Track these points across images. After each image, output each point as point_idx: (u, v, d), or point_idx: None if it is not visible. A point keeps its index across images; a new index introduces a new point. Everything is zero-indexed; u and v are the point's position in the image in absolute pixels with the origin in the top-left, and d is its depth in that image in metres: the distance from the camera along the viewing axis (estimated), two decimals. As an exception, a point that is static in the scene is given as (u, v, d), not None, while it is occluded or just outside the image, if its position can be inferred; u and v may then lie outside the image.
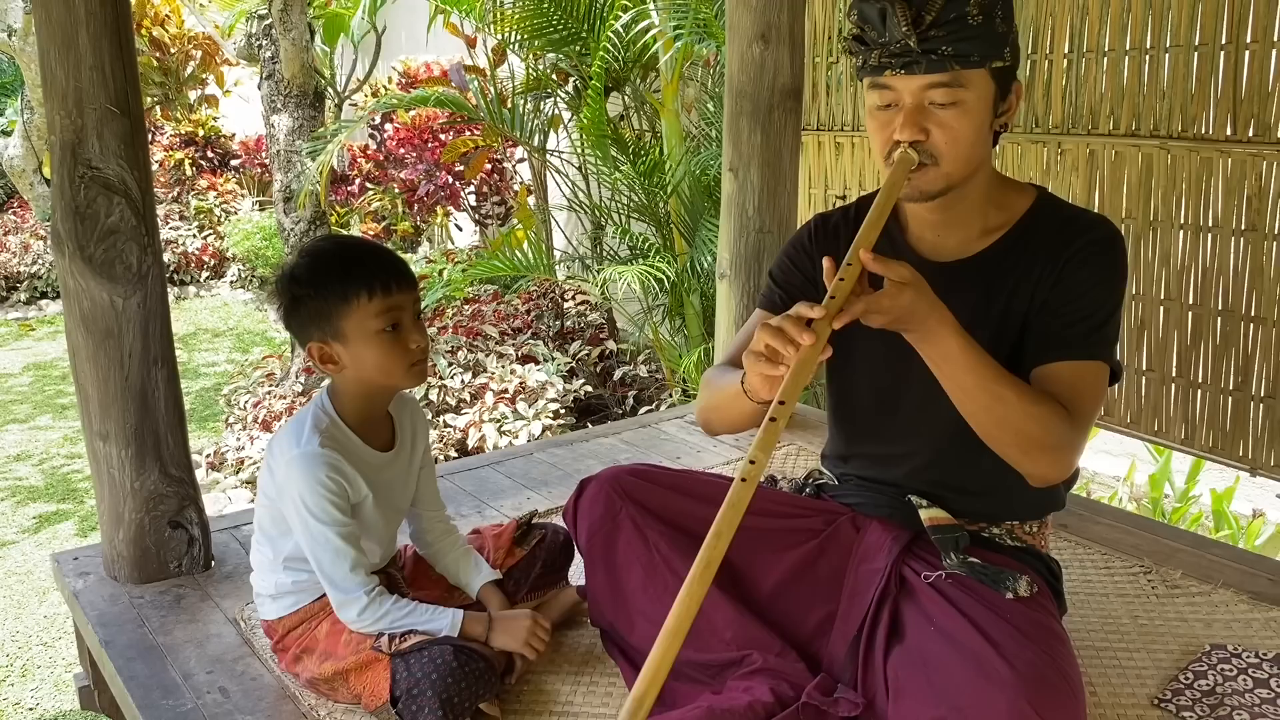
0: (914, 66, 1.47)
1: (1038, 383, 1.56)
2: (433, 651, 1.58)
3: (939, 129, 1.49)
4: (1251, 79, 2.34)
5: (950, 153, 1.51)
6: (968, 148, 1.52)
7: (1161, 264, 2.60)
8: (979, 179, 1.61)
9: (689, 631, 1.69)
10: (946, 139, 1.49)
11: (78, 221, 1.94)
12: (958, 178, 1.54)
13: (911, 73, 1.47)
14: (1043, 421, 1.47)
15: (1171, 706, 1.67)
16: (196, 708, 1.72)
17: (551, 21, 4.66)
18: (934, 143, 1.50)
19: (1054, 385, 1.54)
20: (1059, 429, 1.48)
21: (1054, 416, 1.48)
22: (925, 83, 1.47)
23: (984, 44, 1.47)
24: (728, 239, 2.93)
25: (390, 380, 1.69)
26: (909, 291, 1.39)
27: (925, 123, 1.49)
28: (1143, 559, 2.17)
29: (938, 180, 1.53)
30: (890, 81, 1.50)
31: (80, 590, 2.11)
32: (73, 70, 1.89)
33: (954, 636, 1.48)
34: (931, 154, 1.50)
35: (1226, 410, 2.54)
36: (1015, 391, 1.47)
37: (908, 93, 1.49)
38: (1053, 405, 1.49)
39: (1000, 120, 1.56)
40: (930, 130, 1.49)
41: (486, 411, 4.45)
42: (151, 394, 2.06)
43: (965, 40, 1.45)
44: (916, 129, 1.49)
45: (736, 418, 1.63)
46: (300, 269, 1.65)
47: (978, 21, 1.46)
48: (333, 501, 1.64)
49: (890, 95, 1.51)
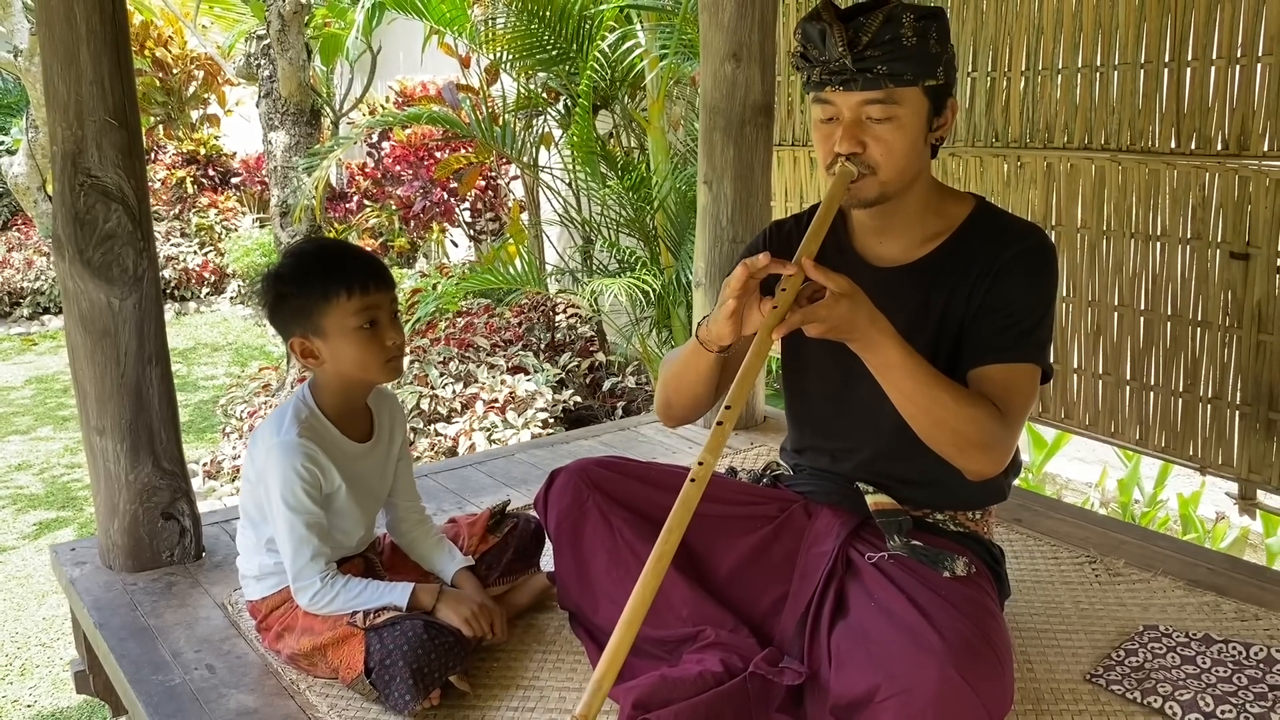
0: (851, 84, 1.58)
1: (973, 384, 1.67)
2: (404, 625, 1.69)
3: (875, 142, 1.61)
4: (1193, 95, 2.46)
5: (886, 164, 1.62)
6: (902, 159, 1.63)
7: (1115, 271, 2.71)
8: (917, 189, 1.72)
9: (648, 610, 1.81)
10: (882, 151, 1.61)
11: (77, 227, 2.06)
12: (893, 187, 1.66)
13: (849, 89, 1.59)
14: (977, 422, 1.58)
15: (1102, 681, 1.77)
16: (184, 682, 1.82)
17: (541, 41, 4.80)
18: (870, 155, 1.61)
19: (988, 387, 1.64)
20: (992, 429, 1.59)
21: (987, 418, 1.58)
22: (861, 99, 1.59)
23: (917, 64, 1.59)
24: (703, 249, 3.05)
25: (367, 375, 1.80)
26: (845, 302, 1.48)
27: (862, 136, 1.60)
28: (1089, 550, 2.27)
29: (873, 188, 1.64)
30: (830, 97, 1.62)
31: (77, 578, 2.22)
32: (74, 84, 2.01)
33: (892, 610, 1.58)
34: (869, 165, 1.62)
35: (1177, 411, 2.64)
36: (952, 395, 1.57)
37: (846, 108, 1.61)
38: (986, 407, 1.59)
39: (935, 134, 1.68)
40: (867, 143, 1.61)
41: (477, 420, 4.57)
42: (146, 391, 2.17)
43: (899, 60, 1.57)
44: (854, 142, 1.60)
45: (694, 381, 1.74)
46: (284, 268, 1.76)
47: (911, 43, 1.57)
48: (305, 490, 1.75)
49: (831, 110, 1.63)
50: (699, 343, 1.65)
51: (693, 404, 1.80)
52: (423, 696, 1.65)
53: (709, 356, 1.66)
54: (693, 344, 1.68)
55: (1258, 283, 2.42)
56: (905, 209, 1.73)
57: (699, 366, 1.70)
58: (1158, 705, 1.69)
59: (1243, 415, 2.50)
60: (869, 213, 1.74)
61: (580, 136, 4.62)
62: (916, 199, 1.73)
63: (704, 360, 1.68)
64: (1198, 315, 2.56)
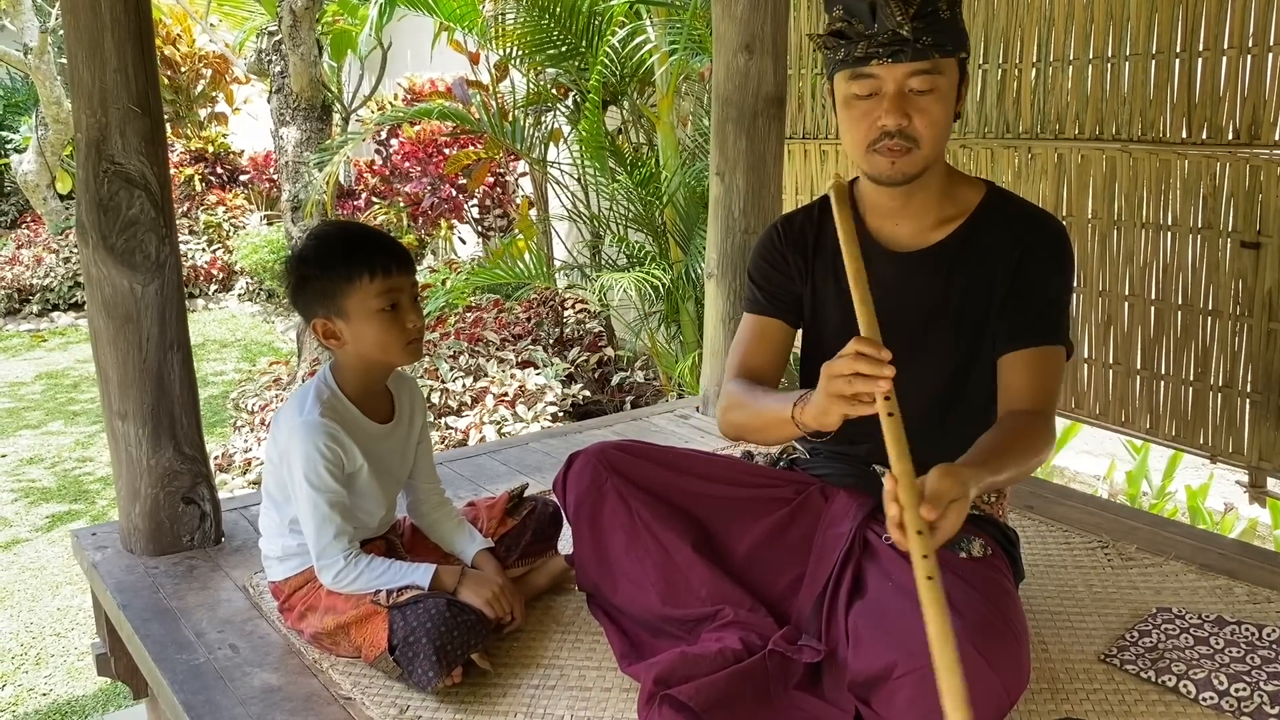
0: (900, 55, 1.59)
1: (1006, 370, 1.72)
2: (428, 603, 1.71)
3: (919, 114, 1.62)
4: (1204, 84, 2.47)
5: (929, 136, 1.64)
6: (942, 131, 1.66)
7: (1126, 261, 2.73)
8: (938, 169, 1.75)
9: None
10: (926, 124, 1.63)
11: (101, 213, 2.08)
12: (932, 160, 1.69)
13: (898, 60, 1.60)
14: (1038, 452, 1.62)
15: (1116, 661, 1.79)
16: (208, 661, 1.85)
17: (551, 37, 4.82)
18: (915, 127, 1.63)
19: (1022, 372, 1.70)
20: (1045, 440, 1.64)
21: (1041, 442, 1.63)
22: (909, 70, 1.60)
23: (953, 35, 1.62)
24: (715, 240, 3.07)
25: (388, 356, 1.82)
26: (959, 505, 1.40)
27: (908, 109, 1.62)
28: (1101, 535, 2.29)
29: (918, 162, 1.66)
30: (875, 70, 1.62)
31: (98, 561, 2.24)
32: (98, 72, 2.04)
33: (909, 590, 1.59)
34: (913, 138, 1.63)
35: (1188, 400, 2.66)
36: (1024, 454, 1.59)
37: (891, 80, 1.61)
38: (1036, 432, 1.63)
39: (957, 107, 1.71)
40: (912, 116, 1.62)
41: (487, 414, 4.59)
42: (167, 376, 2.20)
43: (940, 31, 1.60)
44: (902, 114, 1.61)
45: (778, 440, 1.77)
46: (308, 250, 1.79)
47: (946, 16, 1.61)
48: (328, 469, 1.77)
49: (872, 84, 1.63)
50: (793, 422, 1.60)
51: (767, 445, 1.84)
52: (446, 674, 1.67)
53: (798, 432, 1.63)
54: (784, 417, 1.62)
55: (1269, 271, 2.43)
56: (925, 188, 1.75)
57: (786, 434, 1.69)
58: (1172, 684, 1.71)
59: (1253, 403, 2.52)
60: (889, 194, 1.76)
61: (590, 132, 4.64)
62: (936, 178, 1.76)
63: (795, 434, 1.65)
64: (1208, 304, 2.57)
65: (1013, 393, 1.71)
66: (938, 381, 1.81)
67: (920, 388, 1.81)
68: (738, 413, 1.80)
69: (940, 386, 1.81)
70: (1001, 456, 1.57)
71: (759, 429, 1.76)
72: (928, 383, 1.81)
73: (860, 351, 1.43)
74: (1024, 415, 1.67)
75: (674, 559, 1.84)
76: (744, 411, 1.78)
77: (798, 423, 1.60)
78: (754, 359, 1.89)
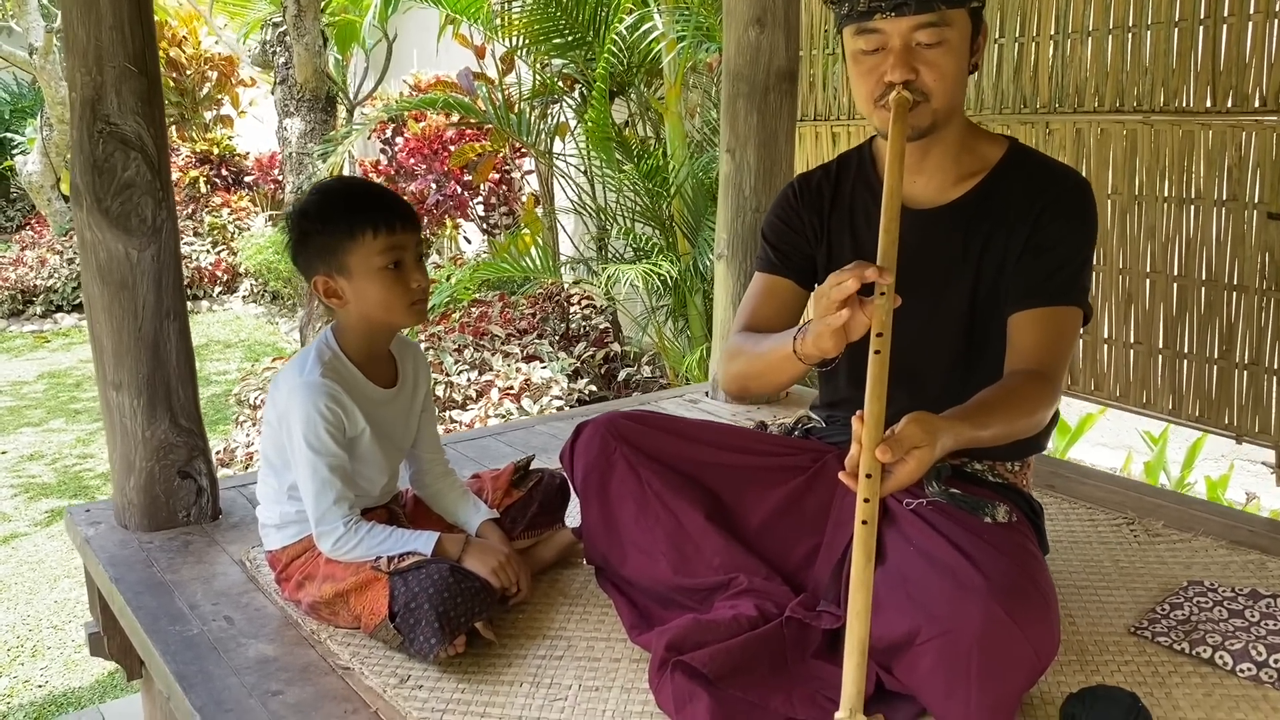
0: (904, 8, 1.53)
1: (1015, 329, 1.65)
2: (430, 569, 1.64)
3: (927, 68, 1.56)
4: (1229, 52, 2.41)
5: (939, 90, 1.58)
6: (953, 84, 1.60)
7: (1147, 237, 2.66)
8: (955, 123, 1.69)
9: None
10: (935, 77, 1.57)
11: (95, 175, 2.03)
12: (944, 114, 1.62)
13: (901, 14, 1.54)
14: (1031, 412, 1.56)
15: (1148, 634, 1.72)
16: (202, 633, 1.78)
17: (557, 26, 4.77)
18: (923, 81, 1.57)
19: (1032, 332, 1.62)
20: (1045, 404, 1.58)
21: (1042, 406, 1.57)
22: (913, 23, 1.54)
23: None
24: (725, 219, 3.00)
25: (391, 316, 1.76)
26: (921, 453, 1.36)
27: (914, 62, 1.56)
28: (1126, 512, 2.22)
29: (928, 115, 1.60)
30: (880, 25, 1.56)
31: (91, 537, 2.18)
32: (93, 29, 1.98)
33: (932, 554, 1.53)
34: (922, 92, 1.57)
35: (1212, 379, 2.59)
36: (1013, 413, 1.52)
37: (896, 34, 1.56)
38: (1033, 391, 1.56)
39: (973, 59, 1.64)
40: (919, 70, 1.56)
41: (492, 407, 4.52)
42: (164, 345, 2.13)
43: None
44: (908, 69, 1.55)
45: (784, 381, 1.68)
46: (310, 205, 1.73)
47: None
48: (329, 431, 1.70)
49: (878, 39, 1.58)
50: (795, 355, 1.55)
51: (773, 392, 1.76)
52: (448, 642, 1.60)
53: (803, 366, 1.58)
54: (785, 352, 1.56)
55: (1296, 243, 2.37)
56: (944, 142, 1.70)
57: (790, 372, 1.62)
58: (1207, 655, 1.63)
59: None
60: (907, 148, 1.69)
61: (596, 121, 4.58)
62: (954, 133, 1.70)
63: (798, 369, 1.59)
64: (1233, 279, 2.50)
65: (1018, 352, 1.64)
66: (956, 340, 1.75)
67: (939, 346, 1.75)
68: (739, 361, 1.74)
69: (959, 345, 1.75)
70: (988, 412, 1.50)
71: (761, 372, 1.69)
72: (946, 341, 1.75)
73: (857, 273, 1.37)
74: (1023, 374, 1.60)
75: (685, 528, 1.77)
76: (745, 358, 1.72)
77: (800, 355, 1.54)
78: (760, 316, 1.82)
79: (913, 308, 1.68)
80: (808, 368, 1.60)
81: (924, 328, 1.73)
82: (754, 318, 1.83)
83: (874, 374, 1.36)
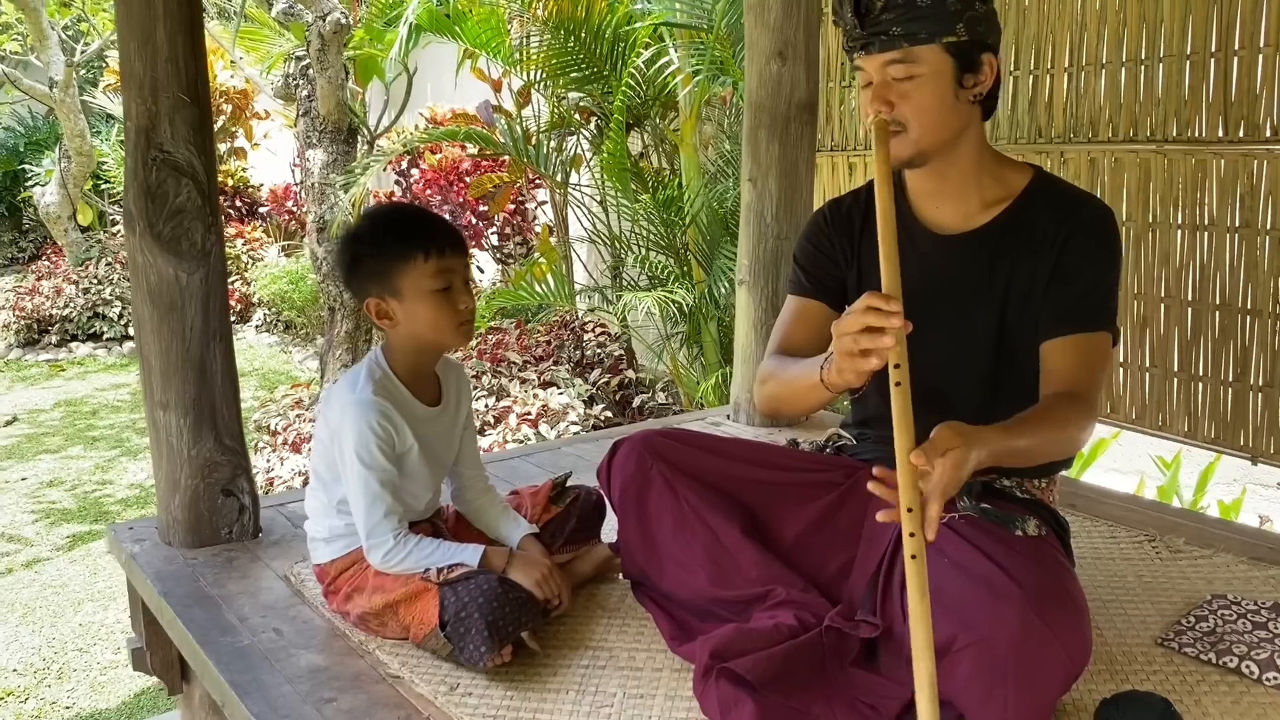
0: (870, 47, 1.65)
1: (1048, 356, 1.70)
2: (479, 580, 1.69)
3: (901, 100, 1.65)
4: (1240, 83, 2.49)
5: (915, 120, 1.66)
6: (931, 115, 1.66)
7: (1161, 263, 2.73)
8: (966, 149, 1.74)
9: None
10: (911, 109, 1.65)
11: (148, 200, 2.10)
12: (929, 143, 1.68)
13: (869, 53, 1.65)
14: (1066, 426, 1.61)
15: (1174, 645, 1.76)
16: (253, 644, 1.83)
17: (576, 60, 4.87)
18: (900, 113, 1.66)
19: (1067, 357, 1.68)
20: (1082, 424, 1.63)
21: (1076, 424, 1.62)
22: (883, 60, 1.64)
23: (933, 22, 1.62)
24: (747, 246, 3.07)
25: (440, 337, 1.82)
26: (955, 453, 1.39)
27: (889, 96, 1.65)
28: (1147, 529, 2.27)
29: (907, 146, 1.68)
30: (860, 61, 1.68)
31: (137, 553, 2.23)
32: (149, 61, 2.06)
33: (965, 565, 1.58)
34: (900, 122, 1.66)
35: (1227, 401, 2.65)
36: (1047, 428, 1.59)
37: (872, 70, 1.66)
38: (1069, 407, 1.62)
39: (973, 91, 1.69)
40: (895, 102, 1.65)
41: (510, 433, 4.58)
42: (210, 366, 2.20)
43: (915, 20, 1.62)
44: (880, 102, 1.65)
45: (814, 405, 1.75)
46: (363, 230, 1.80)
47: (927, 3, 1.62)
48: (380, 447, 1.76)
49: (864, 75, 1.69)
50: (822, 384, 1.60)
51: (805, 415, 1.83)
52: (497, 649, 1.65)
53: (831, 393, 1.64)
54: (813, 380, 1.62)
55: (1309, 268, 2.43)
56: (958, 169, 1.76)
57: (819, 398, 1.67)
58: (1233, 665, 1.68)
59: (1295, 402, 2.51)
60: (921, 175, 1.77)
61: (613, 152, 4.67)
62: (967, 160, 1.75)
63: (826, 396, 1.65)
64: (1247, 303, 2.57)
65: (1052, 378, 1.70)
66: (984, 365, 1.80)
67: (967, 370, 1.81)
68: (771, 384, 1.80)
69: (987, 369, 1.80)
70: (1023, 423, 1.56)
71: (791, 397, 1.76)
72: (975, 365, 1.80)
73: (870, 305, 1.40)
74: (1058, 395, 1.65)
75: (722, 542, 1.83)
76: (776, 382, 1.79)
77: (826, 383, 1.59)
78: (793, 339, 1.88)
79: (941, 330, 1.76)
80: (836, 395, 1.65)
81: (952, 351, 1.79)
82: (787, 341, 1.89)
83: (898, 406, 1.38)
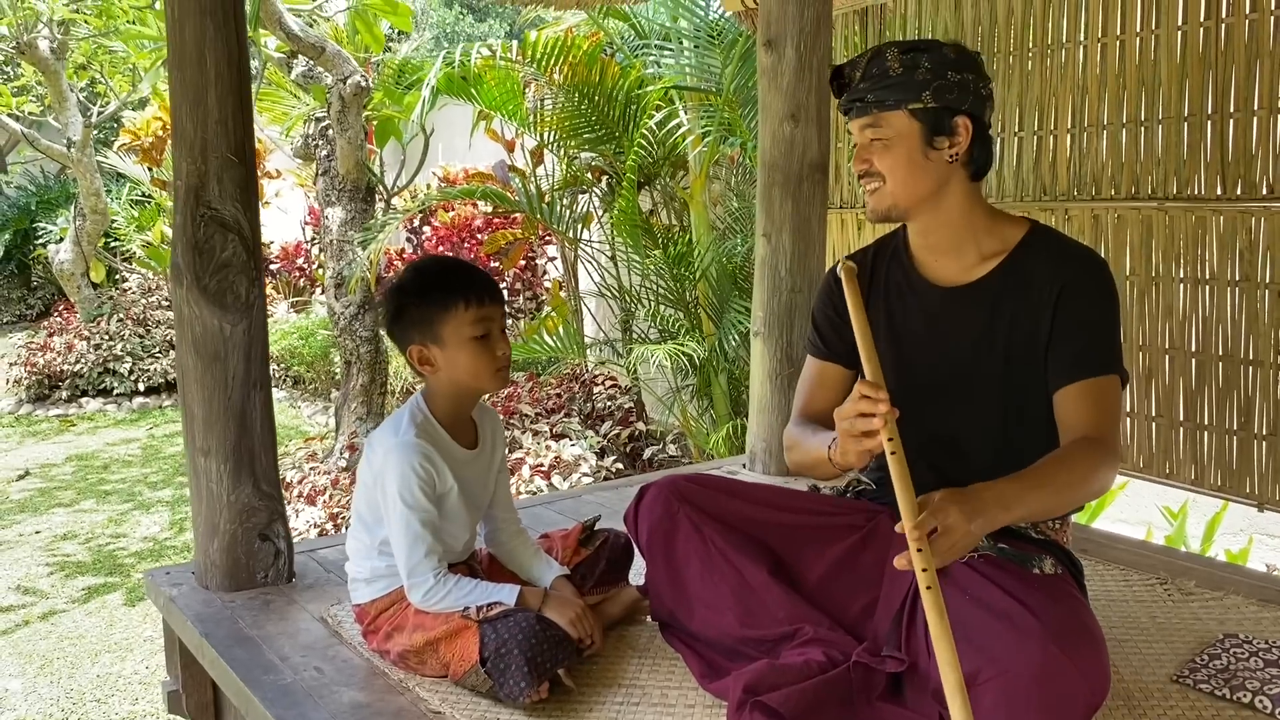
0: (850, 113, 1.85)
1: (1061, 405, 1.79)
2: (518, 618, 1.76)
3: (876, 158, 1.83)
4: (1237, 143, 2.60)
5: (890, 176, 1.82)
6: (902, 173, 1.81)
7: (1165, 316, 2.82)
8: (950, 205, 1.85)
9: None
10: (885, 165, 1.83)
11: (196, 255, 2.19)
12: (902, 197, 1.83)
13: (850, 118, 1.85)
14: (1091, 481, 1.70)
15: (1189, 681, 1.82)
16: (295, 681, 1.88)
17: (589, 122, 5.02)
18: (877, 168, 1.83)
19: (1080, 402, 1.77)
20: (1102, 466, 1.71)
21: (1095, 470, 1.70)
22: (860, 124, 1.84)
23: (900, 90, 1.78)
24: (761, 299, 3.17)
25: (478, 382, 1.91)
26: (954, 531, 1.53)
27: (867, 155, 1.84)
28: (1159, 572, 2.33)
29: (885, 198, 1.84)
30: (849, 126, 1.88)
31: (175, 596, 2.29)
32: (200, 123, 2.17)
33: (987, 602, 1.64)
34: (879, 175, 1.83)
35: (1232, 450, 2.72)
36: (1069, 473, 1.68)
37: (854, 131, 1.86)
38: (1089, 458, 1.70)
39: (947, 153, 1.81)
40: (872, 159, 1.83)
41: (523, 484, 4.64)
42: (250, 414, 2.28)
43: (885, 89, 1.79)
44: (860, 160, 1.85)
45: (832, 474, 1.89)
46: (407, 281, 1.89)
47: (896, 73, 1.79)
48: (422, 488, 1.84)
49: (854, 136, 1.88)
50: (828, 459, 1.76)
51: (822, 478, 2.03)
52: (536, 685, 1.71)
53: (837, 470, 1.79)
54: (823, 457, 1.78)
55: (1307, 319, 2.52)
56: (948, 224, 1.87)
57: (830, 472, 1.84)
58: (1248, 700, 1.74)
59: (1299, 449, 2.58)
60: (916, 229, 1.92)
61: (624, 209, 4.80)
62: (955, 214, 1.86)
63: (833, 471, 1.81)
64: (1249, 354, 2.65)
65: (1068, 425, 1.78)
66: (992, 416, 1.87)
67: (975, 421, 1.88)
68: (794, 452, 1.97)
69: (995, 420, 1.87)
70: (1040, 470, 1.66)
71: (813, 466, 1.89)
72: (982, 417, 1.88)
73: (863, 394, 1.57)
74: (1076, 441, 1.73)
75: (750, 583, 1.89)
76: (797, 451, 1.95)
77: (834, 463, 1.74)
78: (814, 403, 2.03)
79: (948, 378, 1.86)
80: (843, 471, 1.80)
81: (960, 400, 1.88)
82: (809, 405, 2.04)
83: (895, 472, 1.53)
